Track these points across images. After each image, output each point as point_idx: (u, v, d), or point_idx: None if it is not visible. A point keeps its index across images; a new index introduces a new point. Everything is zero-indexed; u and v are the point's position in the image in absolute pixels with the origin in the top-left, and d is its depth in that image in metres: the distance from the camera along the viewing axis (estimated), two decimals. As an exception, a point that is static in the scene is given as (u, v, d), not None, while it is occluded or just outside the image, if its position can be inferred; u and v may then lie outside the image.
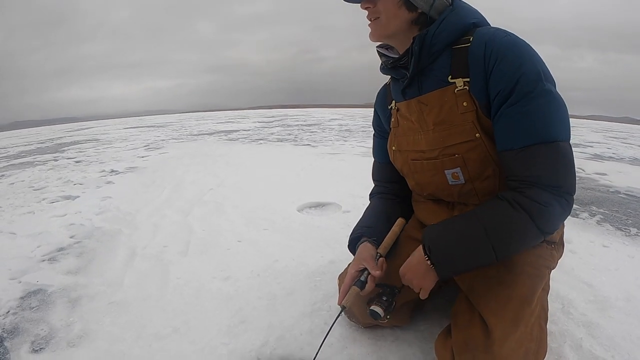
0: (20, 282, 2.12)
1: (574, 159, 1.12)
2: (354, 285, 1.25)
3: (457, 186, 1.29)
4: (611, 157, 6.27)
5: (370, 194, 1.68)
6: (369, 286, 1.25)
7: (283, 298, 1.82)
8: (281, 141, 8.20)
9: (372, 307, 1.25)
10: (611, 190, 3.95)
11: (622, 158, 6.28)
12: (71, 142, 9.96)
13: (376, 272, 1.25)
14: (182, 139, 9.42)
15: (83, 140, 10.12)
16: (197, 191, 3.88)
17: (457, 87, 1.19)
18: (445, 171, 1.28)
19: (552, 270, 1.40)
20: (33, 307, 1.87)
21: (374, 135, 1.66)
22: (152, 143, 8.56)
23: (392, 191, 1.60)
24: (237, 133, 10.30)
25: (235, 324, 1.65)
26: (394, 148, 1.45)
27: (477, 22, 1.22)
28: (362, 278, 1.25)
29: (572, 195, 1.11)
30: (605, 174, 4.70)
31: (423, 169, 1.35)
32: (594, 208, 3.28)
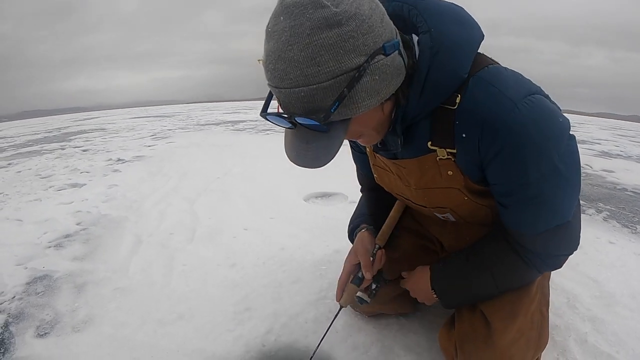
0: (27, 268, 2.12)
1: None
2: (351, 282, 1.23)
3: (447, 220, 1.28)
4: (619, 155, 6.19)
5: (361, 189, 1.60)
6: (366, 282, 1.24)
7: (288, 286, 1.81)
8: (288, 132, 8.14)
9: (358, 294, 1.24)
10: (618, 187, 3.92)
11: (629, 156, 6.19)
12: (78, 131, 9.96)
13: (368, 275, 1.22)
14: (188, 128, 9.39)
15: (90, 130, 10.11)
16: (203, 180, 3.87)
17: (438, 156, 0.99)
18: (434, 213, 1.24)
19: None
20: (39, 293, 1.88)
21: (350, 146, 1.42)
22: (158, 132, 8.55)
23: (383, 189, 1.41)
24: (244, 123, 10.25)
25: (240, 310, 1.65)
26: (376, 176, 1.31)
27: (471, 69, 0.91)
28: (360, 275, 1.22)
29: None
30: (613, 171, 4.65)
31: (410, 204, 1.29)
32: (601, 205, 3.24)
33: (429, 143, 0.98)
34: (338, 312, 1.25)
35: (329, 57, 0.71)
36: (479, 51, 0.94)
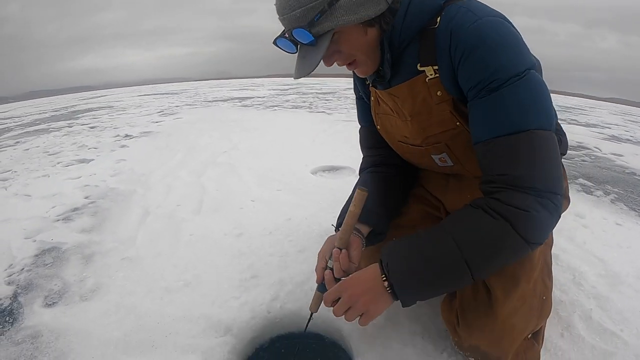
0: (35, 240, 2.14)
1: (559, 151, 0.96)
2: (317, 289, 1.17)
3: (446, 167, 1.25)
4: (628, 140, 6.08)
5: (360, 169, 1.54)
6: (330, 287, 1.12)
7: (294, 255, 1.81)
8: (296, 108, 8.10)
9: None
10: (627, 171, 3.86)
11: (639, 141, 6.11)
12: (85, 109, 9.98)
13: (317, 280, 1.18)
14: (196, 105, 9.37)
15: (97, 108, 10.12)
16: (210, 154, 3.87)
17: (427, 76, 1.06)
18: (432, 156, 1.22)
19: (556, 231, 1.34)
20: (47, 264, 1.89)
21: (356, 99, 1.50)
22: (166, 109, 8.54)
23: (385, 161, 1.43)
24: (252, 100, 10.21)
25: (246, 278, 1.65)
26: (378, 127, 1.36)
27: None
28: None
29: (558, 195, 0.93)
30: (622, 155, 4.58)
31: (410, 151, 1.28)
32: (609, 187, 3.20)
33: (418, 65, 1.08)
34: (309, 320, 1.20)
35: None
36: None
